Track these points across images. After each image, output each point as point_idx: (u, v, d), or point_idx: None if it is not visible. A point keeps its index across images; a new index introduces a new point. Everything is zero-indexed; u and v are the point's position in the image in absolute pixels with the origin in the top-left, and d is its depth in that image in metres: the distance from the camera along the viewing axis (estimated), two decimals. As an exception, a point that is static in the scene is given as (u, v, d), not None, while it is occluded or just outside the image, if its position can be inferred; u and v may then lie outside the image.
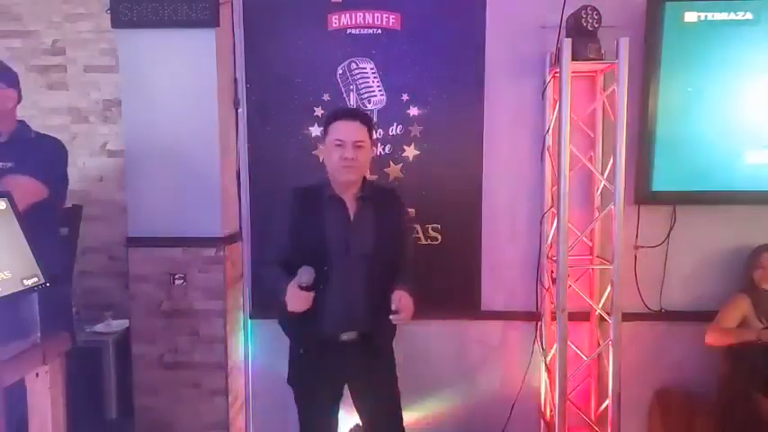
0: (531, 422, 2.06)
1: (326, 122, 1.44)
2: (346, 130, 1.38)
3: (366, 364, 1.43)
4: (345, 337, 1.40)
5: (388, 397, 1.49)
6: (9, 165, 1.42)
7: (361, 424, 1.84)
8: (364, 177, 1.46)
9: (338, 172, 1.39)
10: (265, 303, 2.10)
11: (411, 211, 1.97)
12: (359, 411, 1.51)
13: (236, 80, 2.03)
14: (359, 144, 1.37)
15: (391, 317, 1.32)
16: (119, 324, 2.15)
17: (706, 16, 1.88)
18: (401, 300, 1.32)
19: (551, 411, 1.96)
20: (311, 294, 1.30)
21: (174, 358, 1.93)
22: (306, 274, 1.28)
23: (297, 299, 1.29)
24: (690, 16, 1.88)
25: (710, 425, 1.90)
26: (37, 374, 1.23)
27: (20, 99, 1.57)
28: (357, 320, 1.40)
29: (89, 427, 1.87)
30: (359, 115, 1.43)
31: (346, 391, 1.51)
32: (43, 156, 1.55)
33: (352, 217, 1.41)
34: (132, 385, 1.95)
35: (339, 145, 1.37)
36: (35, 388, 1.24)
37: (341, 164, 1.37)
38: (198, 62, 1.86)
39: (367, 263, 1.38)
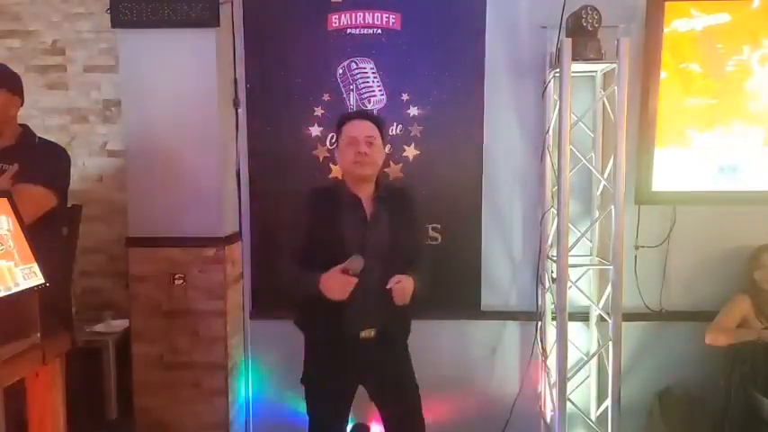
0: (531, 422, 2.06)
1: (338, 125, 1.48)
2: (357, 128, 1.43)
3: (383, 362, 1.45)
4: (364, 334, 1.41)
5: (406, 393, 1.50)
6: (15, 165, 1.41)
7: (360, 423, 1.85)
8: (378, 179, 1.48)
9: (353, 167, 1.42)
10: (266, 303, 2.10)
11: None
12: (379, 410, 1.51)
13: (235, 80, 2.02)
14: (369, 140, 1.42)
15: (389, 285, 1.34)
16: (119, 324, 2.15)
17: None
18: (399, 280, 1.35)
19: (551, 412, 1.96)
20: (355, 281, 1.30)
21: (173, 358, 1.93)
22: (356, 261, 1.29)
23: (341, 284, 1.30)
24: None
25: (710, 425, 1.90)
26: (37, 374, 1.23)
27: (22, 103, 1.58)
28: (374, 318, 1.41)
29: (89, 427, 1.87)
30: (369, 116, 1.50)
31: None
32: (50, 163, 1.55)
33: (368, 217, 1.43)
34: (132, 385, 1.95)
35: (352, 142, 1.41)
36: (35, 388, 1.24)
37: (355, 159, 1.40)
38: (198, 62, 1.86)
39: (383, 261, 1.39)
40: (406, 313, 1.50)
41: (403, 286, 1.36)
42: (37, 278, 1.19)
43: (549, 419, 1.98)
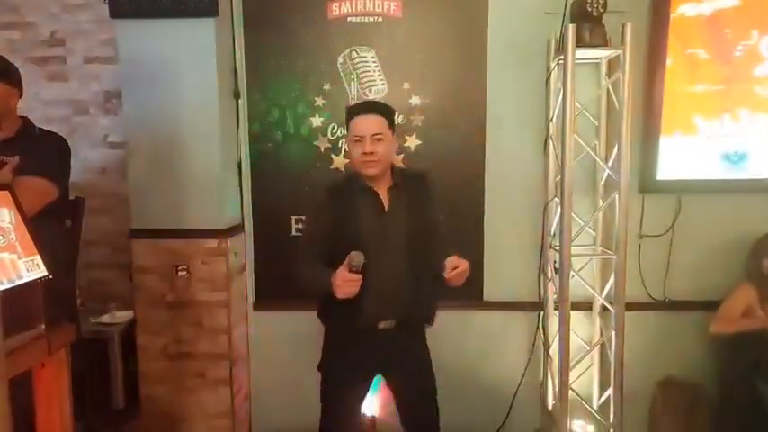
0: (533, 411, 2.07)
1: (347, 119, 1.45)
2: (364, 125, 1.39)
3: (402, 352, 1.45)
4: (383, 325, 1.42)
5: (424, 384, 1.51)
6: (16, 158, 1.41)
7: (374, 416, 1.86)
8: (393, 166, 1.47)
9: (360, 167, 1.41)
10: (269, 294, 2.11)
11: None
12: (396, 399, 1.52)
13: (235, 70, 2.01)
14: (377, 137, 1.38)
15: (447, 274, 1.30)
16: (123, 315, 2.17)
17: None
18: (455, 265, 1.30)
19: (553, 400, 1.96)
20: (360, 278, 1.30)
21: (178, 348, 1.95)
22: (357, 257, 1.29)
23: (347, 282, 1.30)
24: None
25: (713, 414, 1.90)
26: (43, 365, 1.24)
27: (21, 95, 1.57)
28: (394, 309, 1.41)
29: (96, 416, 1.90)
30: (377, 107, 1.44)
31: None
32: (51, 154, 1.55)
33: (386, 207, 1.42)
34: (138, 375, 1.97)
35: (358, 141, 1.39)
36: (41, 378, 1.26)
37: (362, 159, 1.39)
38: (197, 52, 1.84)
39: (402, 251, 1.39)
40: (427, 303, 1.49)
41: (463, 270, 1.31)
42: (40, 270, 1.20)
43: (550, 408, 1.99)
